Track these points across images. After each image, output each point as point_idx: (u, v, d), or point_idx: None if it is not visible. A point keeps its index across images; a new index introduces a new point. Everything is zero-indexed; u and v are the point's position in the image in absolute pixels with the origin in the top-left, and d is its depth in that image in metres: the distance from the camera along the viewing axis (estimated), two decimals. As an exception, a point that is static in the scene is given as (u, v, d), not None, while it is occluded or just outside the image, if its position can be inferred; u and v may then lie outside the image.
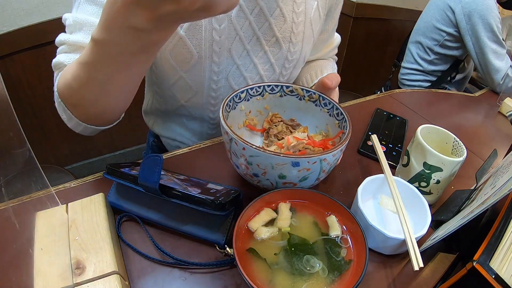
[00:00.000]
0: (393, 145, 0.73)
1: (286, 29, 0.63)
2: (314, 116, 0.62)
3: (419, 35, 1.51)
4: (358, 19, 2.07)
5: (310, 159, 0.44)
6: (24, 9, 1.25)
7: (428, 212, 0.49)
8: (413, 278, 0.47)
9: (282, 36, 0.63)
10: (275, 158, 0.44)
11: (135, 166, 0.53)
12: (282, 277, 0.39)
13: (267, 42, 0.63)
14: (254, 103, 0.60)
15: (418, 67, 1.55)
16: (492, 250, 0.36)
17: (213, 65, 0.61)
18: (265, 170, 0.46)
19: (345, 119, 0.55)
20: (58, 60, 0.52)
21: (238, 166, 0.51)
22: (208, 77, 0.63)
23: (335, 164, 0.51)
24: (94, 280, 0.38)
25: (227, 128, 0.47)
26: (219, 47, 0.59)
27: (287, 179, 0.47)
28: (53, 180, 1.29)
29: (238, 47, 0.61)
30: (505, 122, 0.97)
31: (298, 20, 0.63)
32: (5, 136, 0.40)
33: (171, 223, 0.48)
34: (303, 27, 0.64)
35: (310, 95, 0.60)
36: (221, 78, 0.64)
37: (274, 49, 0.65)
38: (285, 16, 0.61)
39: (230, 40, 0.60)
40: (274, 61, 0.66)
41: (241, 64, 0.64)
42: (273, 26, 0.61)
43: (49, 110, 1.52)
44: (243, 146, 0.45)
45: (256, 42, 0.62)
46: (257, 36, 0.62)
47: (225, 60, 0.62)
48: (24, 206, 0.50)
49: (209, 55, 0.60)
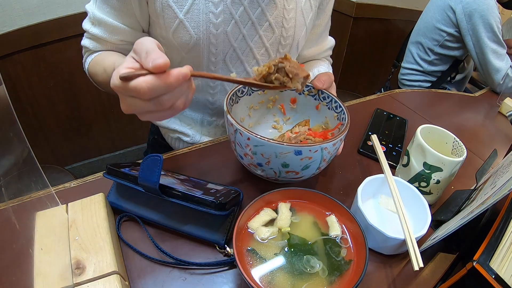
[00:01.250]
0: (393, 145, 0.73)
1: (278, 15, 0.66)
2: (313, 110, 0.64)
3: (419, 36, 1.51)
4: (358, 19, 2.06)
5: (312, 148, 0.47)
6: (24, 9, 1.25)
7: (428, 212, 0.49)
8: (413, 278, 0.47)
9: (275, 21, 0.66)
10: (279, 147, 0.46)
11: (135, 166, 0.53)
12: (282, 277, 0.39)
13: (261, 27, 0.66)
14: (255, 97, 0.63)
15: (418, 67, 1.55)
16: (492, 250, 0.36)
17: (211, 46, 0.64)
18: (269, 159, 0.48)
19: (343, 111, 0.57)
20: (84, 43, 0.66)
21: (242, 157, 0.52)
22: (207, 58, 0.66)
23: (335, 153, 0.53)
24: (94, 280, 0.37)
25: (232, 119, 0.49)
26: (216, 30, 0.63)
27: (290, 167, 0.49)
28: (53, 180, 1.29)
29: (234, 30, 0.64)
30: (505, 122, 0.97)
31: (289, 7, 0.66)
32: (5, 136, 0.40)
33: (171, 223, 0.48)
34: (294, 13, 0.68)
35: (309, 90, 0.63)
36: (219, 60, 0.67)
37: (267, 34, 0.67)
38: (276, 3, 0.64)
39: (227, 23, 0.63)
40: (268, 45, 0.69)
41: (237, 47, 0.67)
42: (265, 11, 0.64)
43: (49, 110, 1.52)
44: (248, 136, 0.47)
45: (251, 27, 0.65)
46: (252, 21, 0.65)
47: (222, 42, 0.65)
48: (24, 206, 0.49)
49: (206, 36, 0.63)
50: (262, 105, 0.65)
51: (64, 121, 1.61)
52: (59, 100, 1.50)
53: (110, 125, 1.78)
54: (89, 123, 1.70)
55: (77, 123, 1.66)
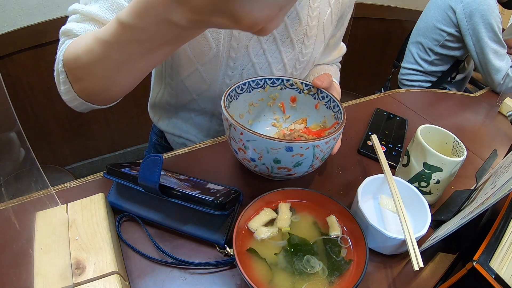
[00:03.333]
0: (393, 145, 0.73)
1: (300, 31, 0.65)
2: (313, 109, 0.64)
3: (419, 36, 1.51)
4: (358, 19, 2.07)
5: (303, 145, 0.47)
6: (24, 9, 1.25)
7: (428, 212, 0.49)
8: (413, 278, 0.47)
9: (296, 37, 0.66)
10: (270, 143, 0.46)
11: (135, 166, 0.53)
12: (282, 277, 0.39)
13: (282, 43, 0.65)
14: (255, 94, 0.63)
15: (418, 67, 1.54)
16: (492, 250, 0.36)
17: (229, 60, 0.63)
18: (261, 154, 0.49)
19: (340, 110, 0.57)
20: (67, 27, 0.50)
21: (237, 152, 0.53)
22: (224, 71, 0.65)
23: (329, 152, 0.53)
24: (94, 280, 0.37)
25: (227, 114, 0.49)
26: (237, 43, 0.61)
27: (281, 164, 0.49)
28: (53, 180, 1.29)
29: (255, 45, 0.64)
30: (505, 122, 0.97)
31: (312, 24, 0.65)
32: (5, 136, 0.40)
33: (171, 223, 0.48)
34: (316, 31, 0.67)
35: (309, 89, 0.63)
36: (236, 74, 0.67)
37: (287, 50, 0.67)
38: (301, 19, 0.63)
39: (248, 37, 0.62)
40: (286, 61, 0.68)
41: (256, 62, 0.66)
42: (288, 27, 0.63)
43: (49, 110, 1.52)
44: (240, 131, 0.48)
45: (273, 42, 0.65)
46: (274, 36, 0.64)
47: (241, 56, 0.64)
48: (24, 206, 0.49)
49: (227, 49, 0.62)
50: (262, 102, 0.65)
51: (64, 121, 1.61)
52: (59, 100, 1.49)
53: (110, 125, 1.78)
54: (89, 123, 1.70)
55: (77, 123, 1.66)
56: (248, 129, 0.47)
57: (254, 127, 0.65)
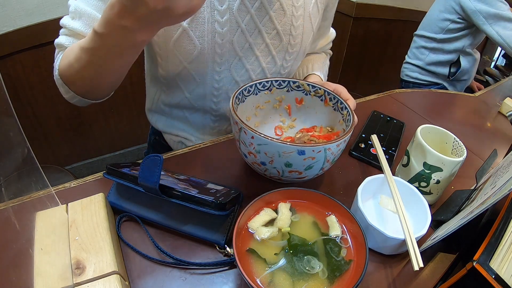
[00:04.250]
0: (386, 148, 0.72)
1: (286, 22, 0.64)
2: (319, 111, 0.64)
3: (423, 30, 1.59)
4: (358, 19, 2.07)
5: (315, 148, 0.47)
6: (24, 9, 1.25)
7: (428, 212, 0.49)
8: (413, 278, 0.47)
9: (283, 29, 0.65)
10: (282, 147, 0.46)
11: (135, 166, 0.53)
12: (282, 277, 0.39)
13: (268, 35, 0.65)
14: (262, 97, 0.63)
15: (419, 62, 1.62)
16: (492, 250, 0.36)
17: (216, 56, 0.63)
18: (273, 158, 0.48)
19: (349, 112, 0.56)
20: (59, 41, 0.59)
21: (246, 155, 0.52)
22: (211, 68, 0.65)
23: (339, 155, 0.53)
24: (94, 280, 0.37)
25: (237, 118, 0.49)
26: (221, 39, 0.61)
27: (293, 167, 0.49)
28: (53, 180, 1.29)
29: (240, 39, 0.63)
30: (505, 122, 0.97)
31: (297, 13, 0.65)
32: (5, 136, 0.40)
33: (171, 223, 0.48)
34: (302, 20, 0.66)
35: (316, 90, 0.62)
36: (224, 70, 0.66)
37: (275, 42, 0.66)
38: (285, 10, 0.63)
39: (232, 32, 0.62)
40: (275, 53, 0.68)
41: (243, 56, 0.66)
42: (273, 19, 0.63)
43: (49, 110, 1.52)
44: (252, 135, 0.47)
45: (258, 35, 0.64)
46: (259, 29, 0.63)
47: (227, 52, 0.64)
48: (24, 206, 0.49)
49: (211, 46, 0.62)
50: (269, 104, 0.65)
51: (64, 121, 1.61)
52: (59, 100, 1.49)
53: (110, 125, 1.78)
54: (89, 123, 1.70)
55: (77, 123, 1.67)
56: (259, 133, 0.47)
57: (261, 130, 0.65)
